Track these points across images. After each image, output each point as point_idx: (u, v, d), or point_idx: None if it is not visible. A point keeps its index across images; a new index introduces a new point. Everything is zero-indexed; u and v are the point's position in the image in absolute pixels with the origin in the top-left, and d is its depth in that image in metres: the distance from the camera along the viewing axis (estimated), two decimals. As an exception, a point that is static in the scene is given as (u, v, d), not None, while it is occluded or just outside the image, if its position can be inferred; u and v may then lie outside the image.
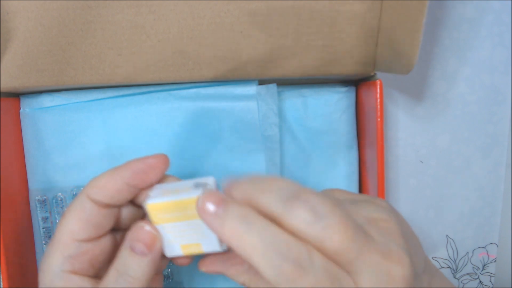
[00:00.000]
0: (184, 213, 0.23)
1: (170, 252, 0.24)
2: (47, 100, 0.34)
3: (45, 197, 0.34)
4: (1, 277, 0.30)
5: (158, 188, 0.25)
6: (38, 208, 0.34)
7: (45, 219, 0.35)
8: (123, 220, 0.27)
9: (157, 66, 0.30)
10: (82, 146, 0.34)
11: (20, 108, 0.34)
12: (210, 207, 0.21)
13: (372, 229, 0.22)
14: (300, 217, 0.20)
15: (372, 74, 0.31)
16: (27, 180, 0.35)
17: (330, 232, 0.20)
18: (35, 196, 0.35)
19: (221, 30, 0.29)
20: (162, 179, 0.26)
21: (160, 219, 0.24)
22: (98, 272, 0.25)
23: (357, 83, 0.35)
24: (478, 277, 0.42)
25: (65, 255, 0.24)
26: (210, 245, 0.24)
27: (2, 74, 0.30)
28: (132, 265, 0.23)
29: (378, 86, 0.30)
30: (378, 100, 0.30)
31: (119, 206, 0.25)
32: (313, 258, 0.20)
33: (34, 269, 0.34)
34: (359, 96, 0.35)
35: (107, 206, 0.24)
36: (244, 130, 0.33)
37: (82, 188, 0.25)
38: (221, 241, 0.23)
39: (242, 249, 0.20)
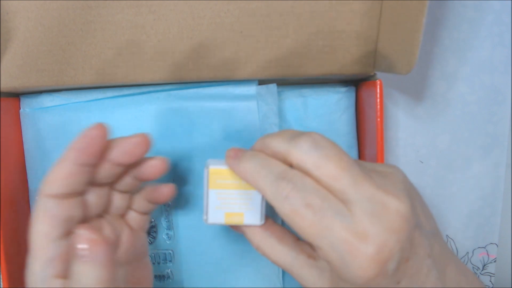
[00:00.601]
0: (239, 182, 0.26)
1: (212, 219, 0.27)
2: (47, 100, 0.34)
3: (45, 197, 0.34)
4: (1, 277, 0.30)
5: (215, 160, 0.27)
6: (38, 208, 0.34)
7: (45, 219, 0.35)
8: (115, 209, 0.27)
9: (157, 66, 0.30)
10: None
11: (20, 108, 0.34)
12: (232, 152, 0.26)
13: (372, 173, 0.23)
14: (302, 148, 0.23)
15: (372, 74, 0.31)
16: (27, 180, 0.35)
17: (326, 160, 0.22)
18: (35, 196, 0.35)
19: (221, 30, 0.29)
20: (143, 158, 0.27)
21: (217, 185, 0.26)
22: None
23: (357, 83, 0.35)
24: (478, 277, 0.42)
25: (45, 258, 0.23)
26: (252, 217, 0.27)
27: (2, 74, 0.30)
28: (81, 272, 0.22)
29: (378, 86, 0.30)
30: (378, 100, 0.30)
31: (80, 194, 0.25)
32: (305, 180, 0.22)
33: (34, 269, 0.34)
34: (359, 96, 0.35)
35: (68, 195, 0.24)
36: (244, 130, 0.33)
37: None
38: (262, 217, 0.27)
39: (250, 178, 0.24)
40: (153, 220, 0.35)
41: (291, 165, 0.24)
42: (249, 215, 0.27)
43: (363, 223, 0.21)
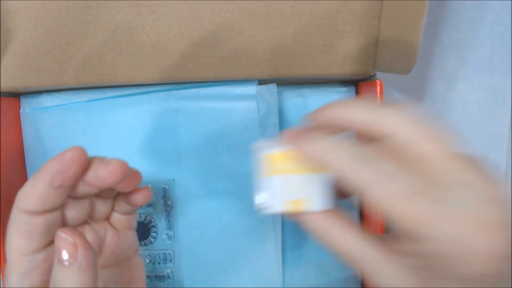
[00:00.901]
0: (301, 166, 0.23)
1: (272, 208, 0.24)
2: (47, 100, 0.34)
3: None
4: (1, 277, 0.30)
5: (264, 143, 0.24)
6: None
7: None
8: (97, 215, 0.26)
9: (157, 66, 0.30)
10: (82, 145, 0.34)
11: (20, 108, 0.34)
12: (295, 132, 0.23)
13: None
14: (401, 117, 0.20)
15: (372, 74, 0.31)
16: (27, 180, 0.35)
17: (430, 137, 0.19)
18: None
19: (221, 30, 0.29)
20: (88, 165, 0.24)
21: (273, 171, 0.23)
22: None
23: (357, 83, 0.35)
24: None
25: (20, 272, 0.22)
26: (318, 202, 0.23)
27: (2, 74, 0.30)
28: (62, 277, 0.21)
29: (378, 86, 0.30)
30: (378, 100, 0.30)
31: (57, 209, 0.24)
32: (401, 161, 0.19)
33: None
34: (359, 96, 0.35)
35: (42, 212, 0.23)
36: (244, 130, 0.33)
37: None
38: (329, 199, 0.23)
39: (326, 160, 0.21)
40: (153, 220, 0.35)
41: (373, 138, 0.20)
42: (315, 200, 0.23)
43: (485, 212, 0.18)
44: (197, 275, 0.35)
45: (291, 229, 0.35)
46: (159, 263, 0.36)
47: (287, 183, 0.23)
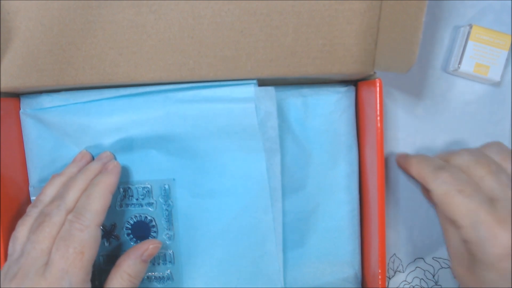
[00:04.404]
0: (493, 41, 0.35)
1: (464, 67, 0.36)
2: (47, 101, 0.34)
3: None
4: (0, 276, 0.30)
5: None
6: (38, 208, 0.34)
7: (45, 219, 0.35)
8: None
9: (158, 65, 0.30)
10: (82, 147, 0.34)
11: (20, 109, 0.34)
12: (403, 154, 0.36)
13: None
14: (461, 155, 0.31)
15: (371, 73, 0.31)
16: (27, 180, 0.35)
17: (478, 164, 0.30)
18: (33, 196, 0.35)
19: (222, 29, 0.29)
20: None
21: (475, 38, 0.35)
22: None
23: (357, 83, 0.35)
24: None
25: None
26: (494, 73, 0.36)
27: (2, 74, 0.30)
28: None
29: (378, 85, 0.30)
30: (378, 99, 0.30)
31: None
32: (460, 173, 0.30)
33: (34, 269, 0.34)
34: (359, 96, 0.35)
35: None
36: (243, 131, 0.33)
37: None
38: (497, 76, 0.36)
39: (416, 168, 0.32)
40: (153, 220, 0.35)
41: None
42: (492, 70, 0.35)
43: (504, 215, 0.27)
44: (197, 276, 0.35)
45: (292, 229, 0.35)
46: (158, 264, 0.36)
47: (482, 51, 0.36)
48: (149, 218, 0.35)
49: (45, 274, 0.27)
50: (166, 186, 0.34)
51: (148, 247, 0.32)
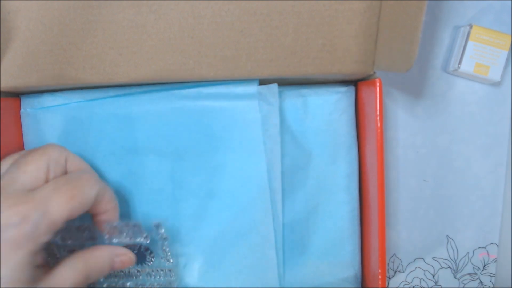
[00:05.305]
0: (493, 41, 0.35)
1: (464, 67, 0.36)
2: (47, 100, 0.34)
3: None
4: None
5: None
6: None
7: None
8: None
9: (158, 65, 0.30)
10: (83, 146, 0.34)
11: (20, 108, 0.34)
12: None
13: None
14: None
15: (371, 73, 0.31)
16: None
17: None
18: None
19: (222, 29, 0.30)
20: None
21: (475, 38, 0.36)
22: None
23: (357, 83, 0.35)
24: (479, 277, 0.42)
25: None
26: (494, 73, 0.36)
27: (2, 73, 0.30)
28: None
29: (378, 85, 0.30)
30: (378, 99, 0.30)
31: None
32: None
33: (34, 269, 0.34)
34: (359, 96, 0.35)
35: None
36: (245, 129, 0.33)
37: None
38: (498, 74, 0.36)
39: None
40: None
41: None
42: (492, 70, 0.36)
43: None
44: (196, 275, 0.35)
45: (291, 229, 0.35)
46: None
47: (482, 50, 0.36)
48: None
49: None
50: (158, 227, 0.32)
51: (128, 255, 0.30)
